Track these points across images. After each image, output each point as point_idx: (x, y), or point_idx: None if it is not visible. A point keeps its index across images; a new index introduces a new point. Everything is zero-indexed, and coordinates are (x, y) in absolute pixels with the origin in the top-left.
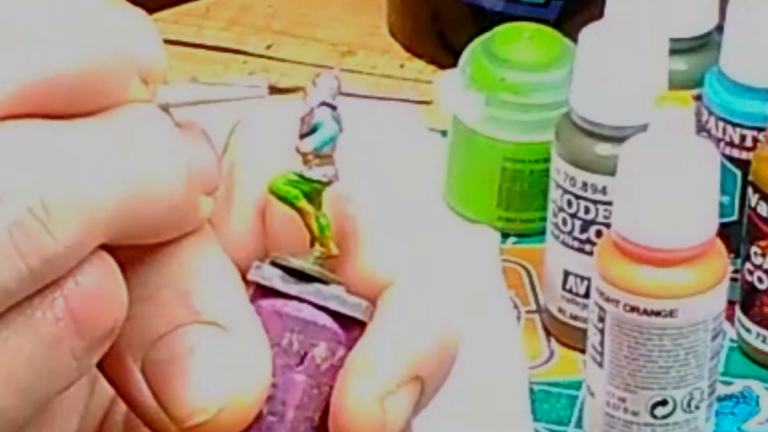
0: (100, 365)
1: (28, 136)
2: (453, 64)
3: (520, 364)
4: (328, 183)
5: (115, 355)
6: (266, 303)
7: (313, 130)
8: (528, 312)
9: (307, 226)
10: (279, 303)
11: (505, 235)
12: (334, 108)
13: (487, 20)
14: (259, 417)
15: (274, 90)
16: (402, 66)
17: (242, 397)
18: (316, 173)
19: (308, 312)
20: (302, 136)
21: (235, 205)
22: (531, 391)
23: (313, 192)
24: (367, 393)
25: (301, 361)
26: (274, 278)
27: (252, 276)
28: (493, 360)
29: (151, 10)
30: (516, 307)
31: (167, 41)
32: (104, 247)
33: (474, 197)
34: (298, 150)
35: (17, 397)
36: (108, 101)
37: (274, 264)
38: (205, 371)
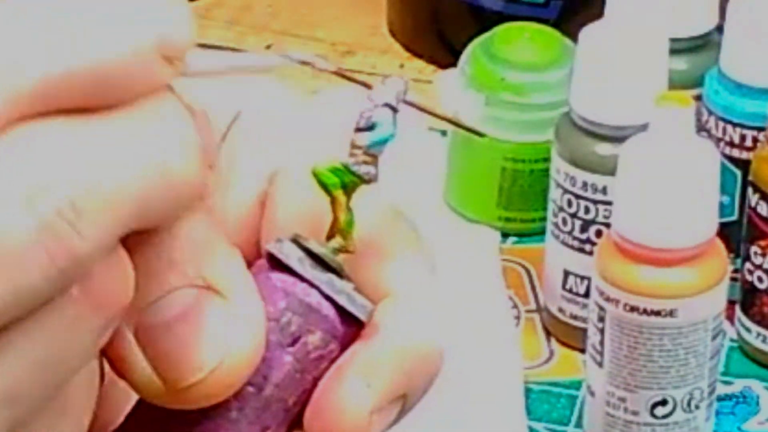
0: None
1: (53, 136)
2: (453, 63)
3: (516, 365)
4: (369, 181)
5: None
6: (276, 276)
7: (371, 127)
8: (528, 311)
9: (335, 216)
10: (289, 281)
11: (505, 235)
12: (395, 111)
13: (487, 20)
14: None
15: (304, 64)
16: (402, 66)
17: (235, 361)
18: (361, 169)
19: (315, 298)
20: (358, 130)
21: (235, 192)
22: (531, 390)
23: (351, 186)
24: (362, 404)
25: (293, 343)
26: (291, 256)
27: (271, 248)
28: (489, 360)
29: None
30: (516, 306)
31: None
32: None
33: (474, 197)
34: (353, 143)
35: (36, 375)
36: (130, 93)
37: (295, 242)
38: (198, 333)
